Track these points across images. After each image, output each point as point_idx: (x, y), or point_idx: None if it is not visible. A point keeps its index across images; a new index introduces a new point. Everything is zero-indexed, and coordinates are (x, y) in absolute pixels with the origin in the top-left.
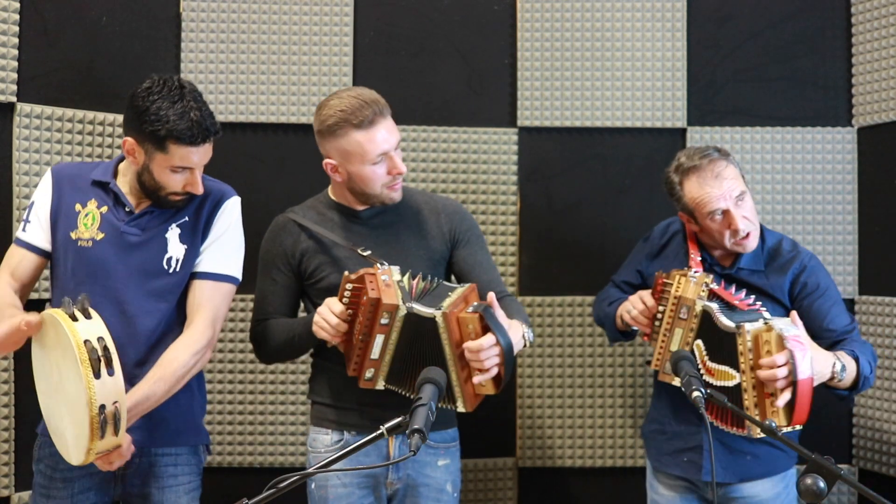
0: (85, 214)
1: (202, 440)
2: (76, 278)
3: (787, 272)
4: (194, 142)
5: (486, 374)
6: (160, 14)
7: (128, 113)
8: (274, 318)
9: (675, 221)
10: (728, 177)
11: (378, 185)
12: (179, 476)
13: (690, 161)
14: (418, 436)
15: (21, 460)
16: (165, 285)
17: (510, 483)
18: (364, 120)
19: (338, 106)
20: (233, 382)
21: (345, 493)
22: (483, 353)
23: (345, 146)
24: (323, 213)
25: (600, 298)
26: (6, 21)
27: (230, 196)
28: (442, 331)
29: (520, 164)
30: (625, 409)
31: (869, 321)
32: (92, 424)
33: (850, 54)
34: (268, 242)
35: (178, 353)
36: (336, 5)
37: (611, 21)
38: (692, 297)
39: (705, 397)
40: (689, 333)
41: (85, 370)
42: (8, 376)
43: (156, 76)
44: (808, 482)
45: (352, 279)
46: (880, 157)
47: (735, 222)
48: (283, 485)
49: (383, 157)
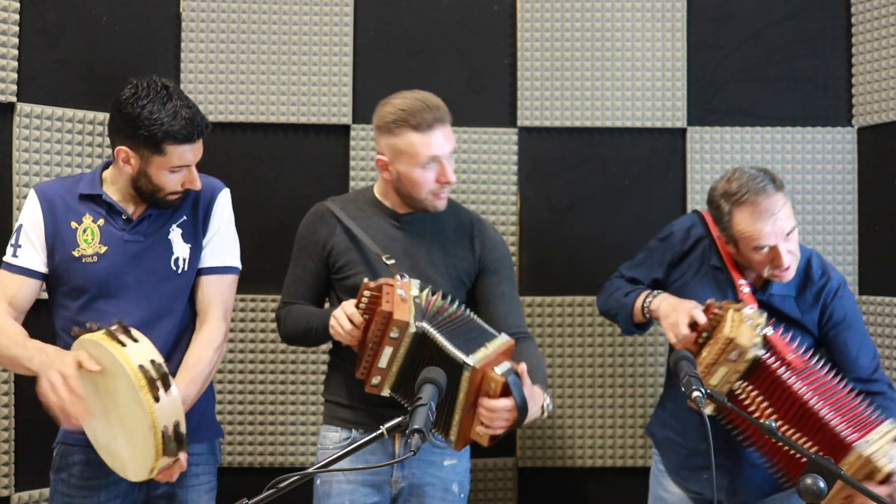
0: (83, 231)
1: (217, 434)
2: (86, 296)
3: (819, 302)
4: (190, 139)
5: (488, 430)
6: (160, 14)
7: (117, 121)
8: (299, 304)
9: (695, 225)
10: (783, 217)
11: (425, 189)
12: (201, 475)
13: (746, 193)
14: (418, 436)
15: (21, 460)
16: (177, 286)
17: (510, 483)
18: (423, 122)
19: (400, 105)
20: (233, 382)
21: (348, 490)
22: (497, 414)
23: (399, 145)
24: (363, 208)
25: (611, 289)
26: (6, 21)
27: (221, 189)
28: (464, 379)
29: (520, 164)
30: (625, 409)
31: (869, 321)
32: (157, 446)
33: (850, 54)
34: (304, 228)
35: (200, 352)
36: (336, 5)
37: (611, 21)
38: (746, 344)
39: (705, 397)
40: (734, 374)
41: (145, 396)
42: (8, 376)
43: (135, 80)
44: (808, 482)
45: (370, 287)
46: (880, 157)
47: (780, 259)
48: (283, 485)
49: (434, 163)
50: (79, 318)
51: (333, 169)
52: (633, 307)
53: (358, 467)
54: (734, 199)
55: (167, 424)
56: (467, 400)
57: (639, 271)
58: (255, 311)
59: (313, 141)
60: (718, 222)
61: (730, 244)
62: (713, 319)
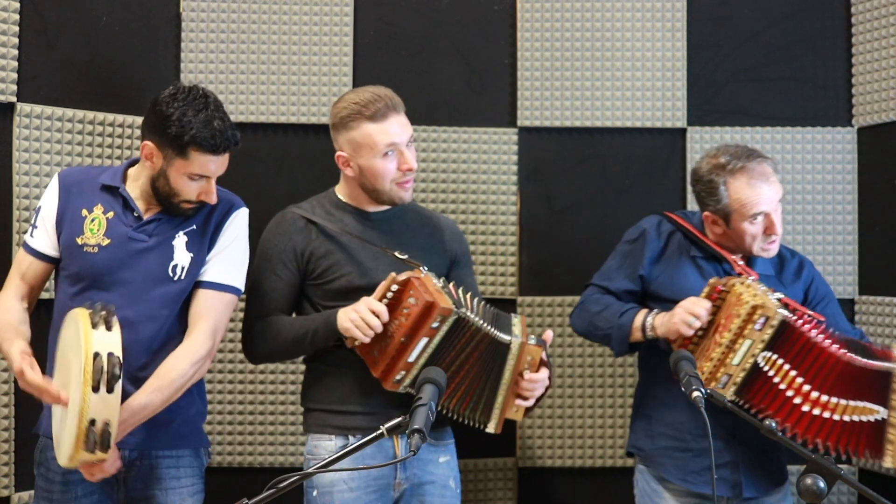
0: (91, 220)
1: (202, 443)
2: (81, 283)
3: (801, 278)
4: (216, 150)
5: (526, 402)
6: (160, 14)
7: (150, 117)
8: (276, 316)
9: (662, 222)
10: (775, 181)
11: (387, 180)
12: (182, 478)
13: (738, 161)
14: (418, 436)
15: (21, 460)
16: (169, 292)
17: (510, 483)
18: (377, 112)
19: (353, 99)
20: (233, 382)
21: (352, 498)
22: (538, 384)
23: (356, 138)
24: (331, 212)
25: (594, 307)
26: (6, 21)
27: (239, 206)
28: (511, 357)
29: (520, 164)
30: (625, 409)
31: (869, 321)
32: (79, 435)
33: (850, 54)
34: (274, 237)
35: (176, 361)
36: (336, 5)
37: (611, 21)
38: (773, 306)
39: (705, 397)
40: (759, 345)
41: (86, 381)
42: (8, 376)
43: (180, 84)
44: (808, 482)
45: (399, 280)
46: (880, 157)
47: (774, 225)
48: (283, 485)
49: (393, 151)
50: (72, 304)
51: (333, 169)
52: (631, 327)
53: (359, 467)
54: (728, 168)
55: (95, 419)
56: (512, 378)
57: (622, 279)
58: None
59: (313, 141)
60: (711, 198)
61: (718, 223)
62: (718, 299)
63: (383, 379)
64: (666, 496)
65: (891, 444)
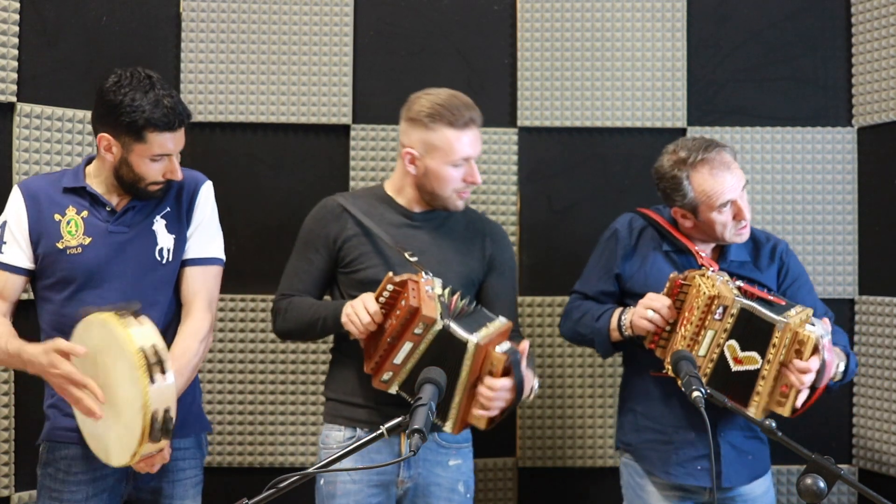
0: (67, 222)
1: (204, 427)
2: (71, 287)
3: (775, 260)
4: (171, 127)
5: (486, 412)
6: (160, 14)
7: (99, 109)
8: (299, 297)
9: (634, 219)
10: (736, 167)
11: (450, 188)
12: (187, 469)
13: (698, 154)
14: (418, 436)
15: (21, 460)
16: (162, 276)
17: (510, 483)
18: (460, 119)
19: (437, 100)
20: (233, 383)
21: (354, 490)
22: (496, 393)
23: (433, 140)
24: (373, 204)
25: (576, 314)
26: (6, 21)
27: (204, 181)
28: (468, 357)
29: (520, 164)
30: None
31: (869, 321)
32: (144, 429)
33: (850, 54)
34: (313, 222)
35: (187, 342)
36: (336, 5)
37: (611, 21)
38: (730, 296)
39: (705, 397)
40: (722, 335)
41: (142, 376)
42: (8, 376)
43: (119, 70)
44: (808, 482)
45: (395, 281)
46: (880, 157)
47: (742, 211)
48: (283, 485)
49: (464, 163)
50: (63, 310)
51: (333, 169)
52: (608, 328)
53: (360, 467)
54: (689, 162)
55: (158, 409)
56: (469, 380)
57: (598, 280)
58: (255, 311)
59: (313, 141)
60: (675, 194)
61: (688, 216)
62: (681, 293)
63: (373, 376)
64: (650, 489)
65: (758, 395)
